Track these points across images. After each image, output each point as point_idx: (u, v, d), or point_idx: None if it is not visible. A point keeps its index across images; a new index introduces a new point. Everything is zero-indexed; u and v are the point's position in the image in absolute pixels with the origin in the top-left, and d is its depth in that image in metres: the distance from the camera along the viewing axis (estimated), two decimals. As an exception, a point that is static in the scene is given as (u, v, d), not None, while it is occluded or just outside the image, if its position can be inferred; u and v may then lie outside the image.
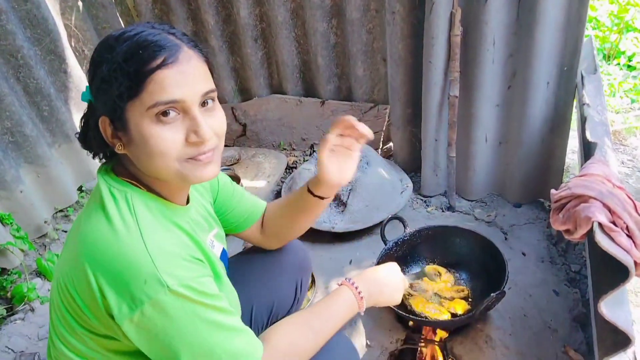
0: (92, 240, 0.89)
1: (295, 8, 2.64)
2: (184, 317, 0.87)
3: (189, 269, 0.90)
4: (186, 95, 0.88)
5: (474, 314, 1.57)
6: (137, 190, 0.96)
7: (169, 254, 0.89)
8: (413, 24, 2.24)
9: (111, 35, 0.91)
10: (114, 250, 0.86)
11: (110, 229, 0.89)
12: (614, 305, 1.20)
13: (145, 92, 0.86)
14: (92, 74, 0.92)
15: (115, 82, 0.86)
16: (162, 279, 0.84)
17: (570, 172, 2.54)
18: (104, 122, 0.92)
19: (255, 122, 3.07)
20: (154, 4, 2.81)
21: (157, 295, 0.84)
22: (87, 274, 0.87)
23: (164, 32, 0.90)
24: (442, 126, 2.30)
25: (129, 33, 0.89)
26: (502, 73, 2.10)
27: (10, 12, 2.21)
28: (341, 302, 1.16)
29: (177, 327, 0.87)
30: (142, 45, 0.86)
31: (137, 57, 0.85)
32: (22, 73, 2.33)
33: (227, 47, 2.88)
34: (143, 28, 0.90)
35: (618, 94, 3.40)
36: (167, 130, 0.88)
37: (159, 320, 0.86)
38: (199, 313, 0.89)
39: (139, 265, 0.85)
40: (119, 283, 0.85)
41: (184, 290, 0.86)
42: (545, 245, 2.14)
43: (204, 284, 0.91)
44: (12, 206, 2.28)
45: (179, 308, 0.86)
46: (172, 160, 0.91)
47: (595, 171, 1.37)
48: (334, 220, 2.33)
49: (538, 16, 1.86)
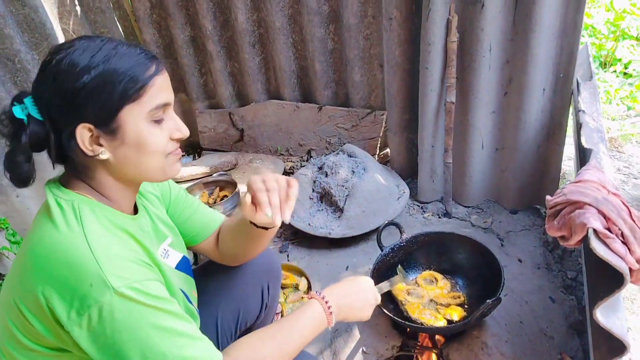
0: (38, 250, 0.89)
1: (293, 14, 2.65)
2: (132, 322, 0.85)
3: (136, 271, 0.89)
4: (171, 98, 1.00)
5: (470, 320, 1.57)
6: (84, 199, 0.97)
7: (115, 256, 0.88)
8: (410, 30, 2.25)
9: (79, 48, 0.91)
10: (59, 255, 0.86)
11: (55, 235, 0.89)
12: (610, 312, 1.20)
13: (146, 97, 0.94)
14: (63, 84, 0.90)
15: (110, 88, 0.90)
16: (108, 280, 0.83)
17: (566, 178, 2.55)
18: (83, 129, 0.92)
19: (252, 128, 3.07)
20: (152, 8, 2.82)
21: (103, 297, 0.83)
22: (34, 283, 0.86)
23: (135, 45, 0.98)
24: (438, 132, 2.30)
25: (106, 43, 0.93)
26: (498, 79, 2.11)
27: (8, 16, 2.22)
28: (309, 315, 1.11)
29: (126, 332, 0.85)
30: (136, 54, 0.94)
31: (136, 64, 0.93)
32: (19, 77, 2.33)
33: (224, 53, 2.89)
34: (109, 41, 0.94)
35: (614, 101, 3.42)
36: (159, 129, 0.98)
37: (107, 324, 0.84)
38: (148, 317, 0.86)
39: (85, 269, 0.84)
40: (66, 288, 0.84)
41: (131, 293, 0.85)
42: (542, 252, 2.14)
43: (152, 287, 0.90)
44: (7, 211, 2.28)
45: (126, 312, 0.84)
46: (162, 157, 1.00)
47: (590, 177, 1.37)
48: (330, 225, 2.33)
49: (534, 23, 1.87)
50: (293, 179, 1.12)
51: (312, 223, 2.36)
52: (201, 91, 3.10)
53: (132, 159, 0.97)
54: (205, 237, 1.36)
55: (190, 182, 2.69)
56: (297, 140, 3.02)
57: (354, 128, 2.83)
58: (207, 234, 1.36)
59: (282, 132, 3.02)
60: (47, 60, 0.92)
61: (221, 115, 3.10)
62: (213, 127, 3.15)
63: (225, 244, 1.36)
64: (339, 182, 2.38)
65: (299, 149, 3.04)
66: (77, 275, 0.84)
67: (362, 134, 2.82)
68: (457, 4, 2.00)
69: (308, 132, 2.96)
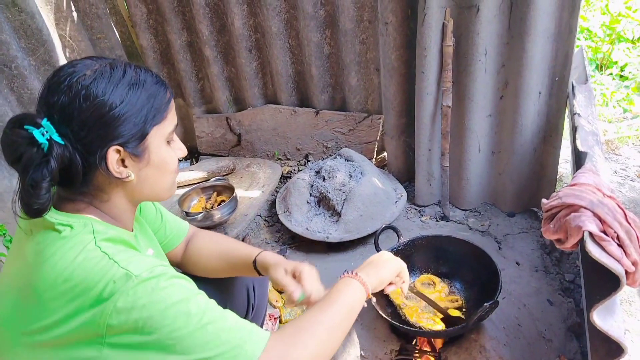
0: (54, 277, 0.86)
1: (290, 19, 2.65)
2: (165, 298, 0.85)
3: (151, 260, 0.91)
4: (176, 121, 1.06)
5: (468, 324, 1.57)
6: (93, 220, 0.96)
7: (131, 256, 0.90)
8: (406, 34, 2.26)
9: (104, 71, 0.92)
10: (79, 272, 0.86)
11: (71, 255, 0.88)
12: (606, 314, 1.20)
13: (167, 120, 1.00)
14: (97, 108, 0.89)
15: (142, 112, 0.95)
16: (129, 271, 0.85)
17: (563, 181, 2.55)
18: (113, 151, 0.92)
19: (249, 132, 3.07)
20: (148, 14, 2.82)
21: (128, 286, 0.83)
22: (59, 311, 0.85)
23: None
24: (435, 136, 2.31)
25: (127, 67, 0.96)
26: (494, 83, 2.11)
27: (4, 23, 2.22)
28: (345, 289, 1.08)
29: (161, 309, 0.84)
30: (158, 80, 1.00)
31: (157, 88, 0.98)
32: (16, 83, 2.33)
33: (221, 58, 2.89)
34: (127, 64, 0.97)
35: (610, 104, 3.43)
36: (172, 150, 1.04)
37: (138, 308, 0.84)
38: (179, 291, 0.88)
39: (106, 271, 0.85)
40: (92, 297, 0.84)
41: (154, 273, 0.87)
42: (539, 255, 2.14)
43: (171, 270, 0.92)
44: (5, 217, 2.27)
45: (156, 290, 0.85)
46: (174, 176, 1.07)
47: (585, 180, 1.37)
48: (328, 230, 2.33)
49: (529, 27, 1.88)
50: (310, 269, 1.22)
51: (310, 227, 2.36)
52: (198, 96, 3.11)
53: (152, 179, 1.02)
54: (173, 247, 1.38)
55: (187, 187, 2.69)
56: (295, 145, 3.02)
57: (351, 132, 2.83)
58: (174, 244, 1.38)
59: (280, 136, 3.02)
60: (69, 82, 0.89)
61: (218, 120, 3.10)
62: (210, 132, 3.16)
63: (204, 263, 1.37)
64: (336, 187, 2.38)
65: (296, 154, 3.04)
66: (102, 279, 0.84)
67: (359, 138, 2.83)
68: (452, 9, 2.01)
69: (305, 136, 2.96)
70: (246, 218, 2.51)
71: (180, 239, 1.39)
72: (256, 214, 2.60)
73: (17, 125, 0.86)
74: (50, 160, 0.86)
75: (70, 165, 0.90)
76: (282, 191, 2.66)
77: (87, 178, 0.95)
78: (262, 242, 2.51)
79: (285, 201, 2.53)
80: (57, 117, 0.89)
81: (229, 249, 1.37)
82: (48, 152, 0.86)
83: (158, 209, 1.35)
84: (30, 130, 0.85)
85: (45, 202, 0.88)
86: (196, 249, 1.39)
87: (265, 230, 2.58)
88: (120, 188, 0.99)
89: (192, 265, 1.39)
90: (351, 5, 2.42)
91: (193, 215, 2.35)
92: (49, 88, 0.91)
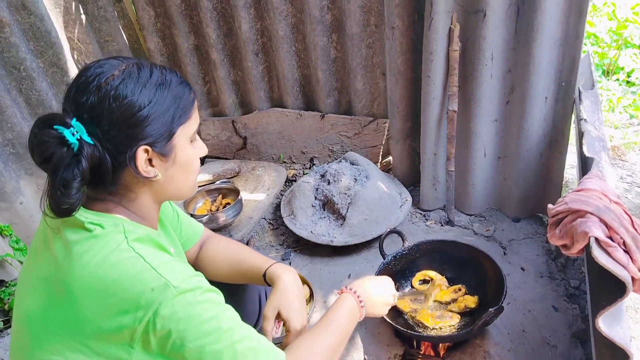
0: (87, 277, 0.88)
1: (296, 23, 2.66)
2: (200, 313, 0.89)
3: (186, 268, 0.94)
4: (199, 120, 1.08)
5: (472, 329, 1.56)
6: (123, 220, 0.98)
7: (165, 262, 0.91)
8: (412, 39, 2.27)
9: (132, 71, 0.94)
10: (113, 273, 0.87)
11: (103, 254, 0.89)
12: (612, 321, 1.20)
13: (191, 119, 1.02)
14: (127, 108, 0.91)
15: (170, 111, 0.97)
16: (168, 280, 0.87)
17: (569, 187, 2.54)
18: (142, 151, 0.94)
19: (255, 135, 3.08)
20: (156, 17, 2.84)
21: (166, 296, 0.86)
22: (93, 312, 0.87)
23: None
24: (441, 140, 2.31)
25: (153, 67, 0.98)
26: (500, 88, 2.11)
27: (14, 25, 2.24)
28: (346, 308, 1.21)
29: (192, 324, 0.87)
30: (182, 80, 1.01)
31: (182, 88, 1.00)
32: (24, 85, 2.35)
33: (228, 61, 2.91)
34: (153, 64, 0.98)
35: (617, 110, 3.42)
36: (195, 149, 1.06)
37: (174, 321, 0.86)
38: (211, 308, 0.91)
39: (143, 276, 0.87)
40: (128, 301, 0.86)
41: (191, 286, 0.90)
42: (545, 260, 2.13)
43: (204, 282, 0.95)
44: (11, 217, 2.29)
45: (191, 305, 0.88)
46: (197, 175, 1.09)
47: (592, 186, 1.37)
48: (332, 233, 2.33)
49: (536, 32, 1.88)
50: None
51: (315, 231, 2.36)
52: (205, 99, 3.12)
53: (178, 178, 1.03)
54: (187, 248, 1.39)
55: (193, 190, 2.70)
56: (300, 148, 3.03)
57: (357, 136, 2.84)
58: (189, 245, 1.40)
59: (285, 139, 3.03)
60: (98, 82, 0.90)
61: (224, 123, 3.11)
62: (216, 135, 3.17)
63: (216, 269, 1.39)
64: (341, 190, 2.38)
65: (301, 157, 3.05)
66: (138, 284, 0.86)
67: (365, 142, 2.83)
68: (459, 13, 2.02)
69: (311, 139, 2.97)
70: (251, 221, 2.51)
71: (195, 240, 1.41)
72: (261, 216, 2.60)
73: (47, 125, 0.87)
74: (81, 160, 0.87)
75: (99, 165, 0.92)
76: (287, 194, 2.66)
77: (115, 177, 0.96)
78: (267, 245, 2.51)
79: (290, 204, 2.53)
80: (86, 117, 0.90)
81: (241, 258, 1.38)
82: (78, 152, 0.88)
83: (175, 209, 1.36)
84: (61, 131, 0.86)
85: (75, 201, 0.89)
86: (209, 254, 1.41)
87: (270, 233, 2.59)
88: (147, 187, 1.01)
89: (205, 269, 1.40)
90: (358, 10, 2.43)
91: (198, 217, 2.36)
92: (78, 88, 0.91)
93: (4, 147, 2.30)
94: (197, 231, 1.42)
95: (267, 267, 1.30)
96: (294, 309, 1.22)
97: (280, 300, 1.23)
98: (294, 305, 1.22)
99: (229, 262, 1.38)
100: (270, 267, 1.30)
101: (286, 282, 1.25)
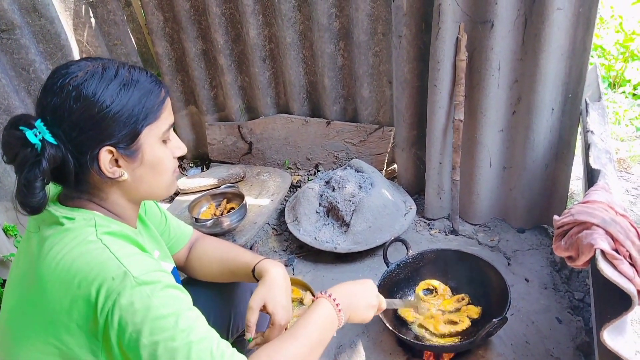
0: (58, 268, 0.88)
1: (304, 30, 2.68)
2: (156, 305, 0.86)
3: (150, 263, 0.92)
4: (173, 119, 1.05)
5: (476, 339, 1.55)
6: (97, 214, 0.98)
7: (131, 254, 0.91)
8: (419, 47, 2.27)
9: (95, 71, 0.93)
10: (81, 263, 0.87)
11: (72, 244, 0.90)
12: (617, 334, 1.19)
13: (161, 119, 1.00)
14: (88, 109, 0.91)
15: (134, 112, 0.95)
16: (129, 271, 0.86)
17: (574, 198, 2.53)
18: (105, 152, 0.94)
19: (261, 141, 3.09)
20: (165, 22, 2.86)
21: (125, 287, 0.84)
22: (64, 299, 0.87)
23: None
24: (446, 149, 2.31)
25: (120, 66, 0.96)
26: (507, 98, 2.11)
27: (24, 27, 2.26)
28: (321, 313, 1.11)
29: (149, 315, 0.85)
30: (148, 77, 0.99)
31: (151, 88, 0.98)
32: (33, 86, 2.37)
33: (235, 66, 2.92)
34: (121, 64, 0.97)
35: (623, 122, 3.41)
36: (167, 149, 1.04)
37: (131, 311, 0.85)
38: (168, 302, 0.88)
39: (106, 266, 0.86)
40: (93, 289, 0.85)
41: (150, 279, 0.88)
42: (549, 272, 2.12)
43: (168, 277, 0.93)
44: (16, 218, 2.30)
45: (147, 296, 0.86)
46: (171, 175, 1.06)
47: (598, 198, 1.36)
48: (336, 240, 2.32)
49: (543, 43, 1.89)
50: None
51: (318, 237, 2.36)
52: (211, 104, 3.13)
53: (147, 179, 1.02)
54: (176, 250, 1.39)
55: (198, 194, 2.70)
56: (305, 154, 3.03)
57: (362, 143, 2.84)
58: (178, 248, 1.39)
59: (290, 145, 3.04)
60: (61, 84, 0.91)
61: (230, 128, 3.12)
62: (222, 140, 3.18)
63: (206, 269, 1.39)
64: (345, 197, 2.38)
65: (306, 163, 3.05)
66: (101, 273, 0.86)
67: (370, 150, 2.83)
68: (466, 23, 2.02)
69: (316, 146, 2.97)
70: (255, 226, 2.51)
71: (184, 242, 1.41)
72: (265, 222, 2.60)
73: (14, 126, 0.89)
74: (42, 161, 0.88)
75: (63, 165, 0.92)
76: (291, 200, 2.66)
77: (82, 177, 0.96)
78: (270, 250, 2.51)
79: (294, 210, 2.54)
80: (49, 118, 0.91)
81: (230, 256, 1.37)
82: (40, 153, 0.89)
83: (162, 212, 1.36)
84: (24, 131, 0.88)
85: (40, 200, 0.91)
86: (198, 255, 1.41)
87: (274, 238, 2.59)
88: (116, 187, 1.01)
89: (194, 270, 1.40)
90: (365, 18, 2.44)
91: (203, 221, 2.36)
92: (44, 89, 0.93)
93: (12, 147, 2.32)
94: (185, 234, 1.41)
95: (256, 263, 1.29)
96: (280, 303, 1.20)
97: (267, 293, 1.21)
98: (280, 299, 1.20)
99: (219, 261, 1.37)
100: (258, 262, 1.29)
101: (274, 276, 1.23)
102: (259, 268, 1.27)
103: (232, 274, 1.36)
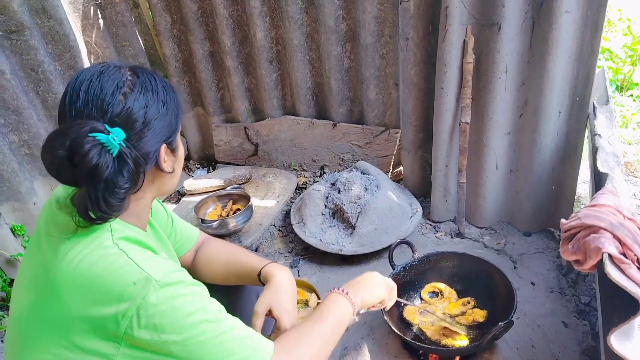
0: (73, 273, 0.89)
1: (311, 32, 2.68)
2: (181, 308, 0.88)
3: (169, 264, 0.94)
4: None
5: (481, 343, 1.55)
6: (117, 221, 0.98)
7: (148, 258, 0.92)
8: (426, 50, 2.27)
9: (146, 77, 0.98)
10: (98, 269, 0.88)
11: (87, 251, 0.90)
12: (624, 338, 1.18)
13: (180, 119, 1.07)
14: (151, 111, 0.95)
15: (178, 111, 1.04)
16: (149, 275, 0.87)
17: (581, 202, 2.52)
18: (163, 149, 1.00)
19: (267, 142, 3.10)
20: (172, 24, 2.88)
21: (148, 291, 0.85)
22: (78, 308, 0.87)
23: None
24: (453, 152, 2.30)
25: (154, 74, 1.02)
26: (513, 101, 2.11)
27: (34, 28, 2.28)
28: (332, 302, 1.15)
29: (176, 319, 0.87)
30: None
31: (175, 91, 1.06)
32: (41, 87, 2.38)
33: (242, 68, 2.93)
34: (143, 70, 1.01)
35: (631, 126, 3.39)
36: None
37: (157, 315, 0.86)
38: (194, 302, 0.91)
39: (125, 271, 0.87)
40: (111, 296, 0.86)
41: (173, 279, 0.90)
42: (555, 276, 2.11)
43: (187, 276, 0.95)
44: (24, 218, 2.31)
45: (172, 298, 0.88)
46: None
47: (605, 202, 1.36)
48: (342, 242, 2.32)
49: (551, 46, 1.88)
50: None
51: (324, 239, 2.36)
52: (218, 105, 3.14)
53: (177, 171, 1.09)
54: (183, 252, 1.40)
55: (204, 195, 2.71)
56: (311, 156, 3.04)
57: (368, 145, 2.84)
58: (184, 250, 1.40)
59: (296, 147, 3.04)
60: (121, 91, 0.91)
61: (237, 129, 3.13)
62: (228, 141, 3.19)
63: (212, 272, 1.39)
64: (351, 199, 2.39)
65: (312, 165, 3.06)
66: (120, 279, 0.87)
67: (376, 152, 2.83)
68: (473, 26, 2.02)
69: (322, 148, 2.97)
70: (261, 227, 2.52)
71: (190, 245, 1.41)
72: (271, 223, 2.61)
73: (81, 135, 0.84)
74: (128, 164, 0.90)
75: (136, 167, 0.93)
76: (297, 202, 2.67)
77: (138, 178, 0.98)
78: (276, 252, 2.52)
79: (299, 212, 2.54)
80: (119, 122, 0.91)
81: (236, 259, 1.38)
82: (121, 157, 0.89)
83: (169, 215, 1.37)
84: (97, 137, 0.85)
85: (122, 206, 0.93)
86: (204, 257, 1.41)
87: (279, 240, 2.59)
88: (155, 184, 1.05)
89: (200, 273, 1.40)
90: (372, 20, 2.44)
91: (209, 222, 2.37)
92: (101, 95, 0.91)
93: (20, 147, 2.34)
94: (192, 236, 1.42)
95: (262, 267, 1.29)
96: (285, 308, 1.20)
97: (272, 298, 1.21)
98: (286, 305, 1.21)
99: (225, 264, 1.38)
100: (265, 266, 1.29)
101: (280, 281, 1.24)
102: (265, 272, 1.28)
103: (238, 277, 1.36)
